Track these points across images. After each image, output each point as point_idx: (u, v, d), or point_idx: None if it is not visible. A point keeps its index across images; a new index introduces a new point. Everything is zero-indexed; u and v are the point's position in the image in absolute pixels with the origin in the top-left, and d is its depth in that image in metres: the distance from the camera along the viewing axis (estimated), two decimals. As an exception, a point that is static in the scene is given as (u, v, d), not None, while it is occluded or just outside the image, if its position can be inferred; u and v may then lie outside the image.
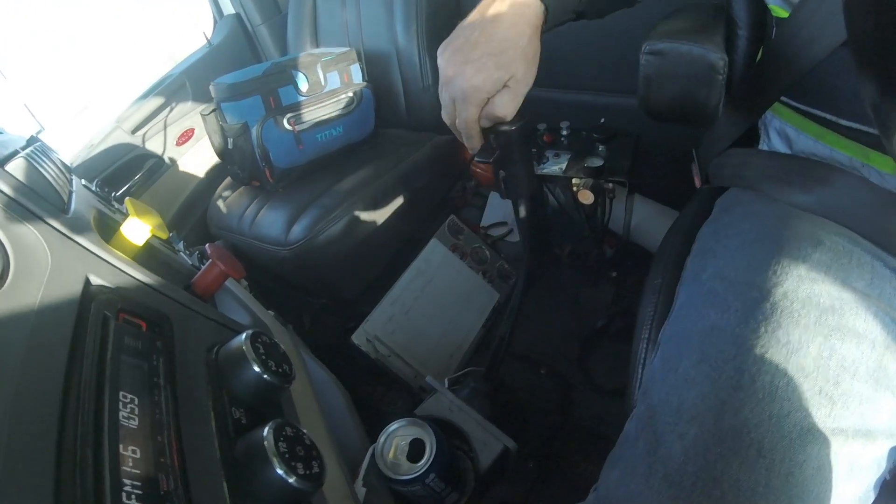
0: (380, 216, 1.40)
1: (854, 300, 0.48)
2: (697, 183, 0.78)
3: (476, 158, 0.67)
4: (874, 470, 0.46)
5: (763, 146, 0.68)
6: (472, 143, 0.63)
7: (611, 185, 1.25)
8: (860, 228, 0.53)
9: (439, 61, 0.60)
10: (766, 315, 0.48)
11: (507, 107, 0.59)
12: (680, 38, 0.56)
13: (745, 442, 0.43)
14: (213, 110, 1.45)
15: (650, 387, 0.53)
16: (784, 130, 0.63)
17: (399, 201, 1.44)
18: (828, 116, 0.55)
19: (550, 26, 0.60)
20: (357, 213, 1.35)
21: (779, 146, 0.64)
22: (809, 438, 0.43)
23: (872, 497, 0.47)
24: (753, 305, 0.49)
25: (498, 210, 1.70)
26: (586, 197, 1.26)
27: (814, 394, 0.45)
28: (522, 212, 0.78)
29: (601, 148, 1.26)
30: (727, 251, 0.57)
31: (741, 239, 0.57)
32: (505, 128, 0.64)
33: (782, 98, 0.60)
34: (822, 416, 0.44)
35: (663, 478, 0.45)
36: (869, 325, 0.47)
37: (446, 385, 1.14)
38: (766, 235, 0.55)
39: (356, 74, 1.55)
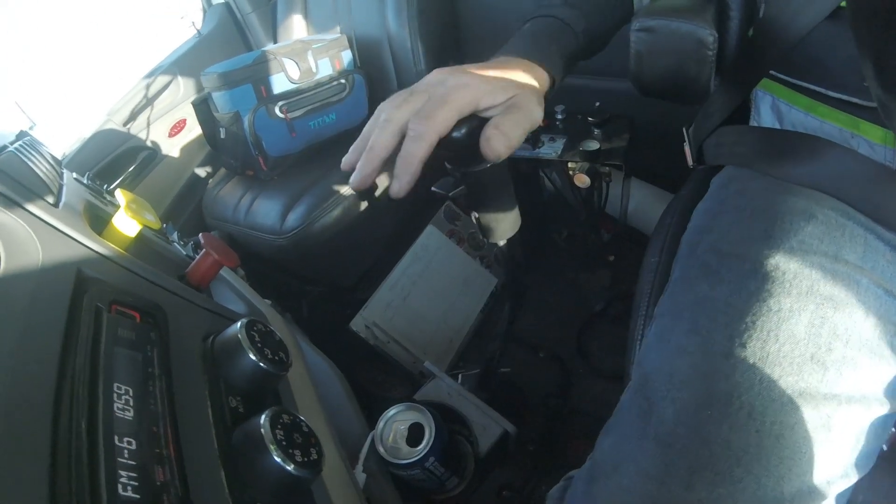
0: (375, 203, 1.40)
1: (846, 272, 0.49)
2: (690, 163, 0.78)
3: (433, 189, 0.58)
4: (871, 438, 0.47)
5: (753, 123, 0.68)
6: (403, 180, 0.44)
7: (607, 168, 1.25)
8: (853, 200, 0.53)
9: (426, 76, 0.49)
10: (757, 285, 0.49)
11: (511, 133, 0.44)
12: (670, 15, 0.56)
13: (735, 405, 0.44)
14: (204, 100, 1.44)
15: (644, 358, 0.54)
16: (776, 105, 0.63)
17: (394, 188, 1.43)
18: (817, 89, 0.56)
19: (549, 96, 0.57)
20: (352, 200, 1.35)
21: (769, 122, 0.65)
22: (801, 402, 0.44)
23: (870, 465, 0.48)
24: (745, 276, 0.50)
25: (494, 195, 1.69)
26: (582, 181, 1.25)
27: (805, 360, 0.45)
28: (507, 254, 0.70)
29: (597, 131, 1.25)
30: (721, 226, 0.57)
31: (735, 214, 0.57)
32: (476, 167, 0.48)
33: (773, 73, 0.60)
34: (815, 381, 0.45)
35: (655, 439, 0.46)
36: (861, 295, 0.48)
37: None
38: (759, 210, 0.55)
39: (348, 61, 1.54)
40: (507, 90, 0.46)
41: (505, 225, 0.56)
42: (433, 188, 0.55)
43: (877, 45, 0.40)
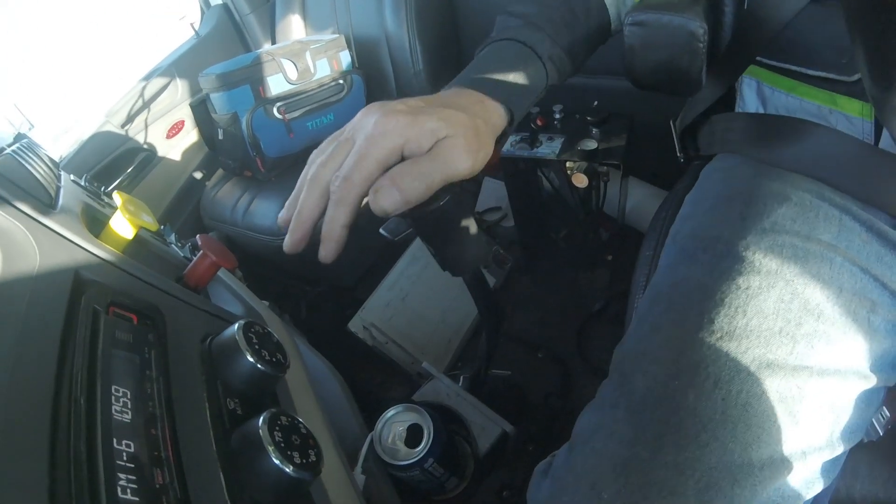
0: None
1: (819, 251, 0.50)
2: (679, 155, 0.79)
3: (381, 231, 0.54)
4: (854, 411, 0.48)
5: (739, 109, 0.69)
6: (328, 247, 0.44)
7: (605, 168, 1.25)
8: (831, 179, 0.54)
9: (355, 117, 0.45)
10: (728, 265, 0.50)
11: (407, 187, 0.40)
12: (661, 9, 0.57)
13: (701, 375, 0.46)
14: (202, 101, 1.44)
15: (625, 340, 0.56)
16: (761, 89, 0.64)
17: (393, 188, 1.43)
18: (797, 69, 0.57)
19: (510, 132, 0.54)
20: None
21: (754, 107, 0.66)
22: (768, 373, 0.45)
23: (856, 439, 0.49)
24: (718, 258, 0.52)
25: (492, 195, 1.70)
26: (580, 180, 1.25)
27: (773, 333, 0.46)
28: (472, 287, 0.65)
29: (595, 131, 1.25)
30: (700, 212, 0.59)
31: (714, 200, 0.59)
32: (425, 208, 0.43)
33: (758, 59, 0.61)
34: (783, 353, 0.46)
35: (626, 408, 0.48)
36: (835, 272, 0.49)
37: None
38: (736, 194, 0.57)
39: (346, 61, 1.54)
40: (437, 133, 0.42)
41: (465, 260, 0.52)
42: (381, 230, 0.52)
43: (871, 34, 0.41)
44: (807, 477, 0.46)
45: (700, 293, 0.50)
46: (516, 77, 0.54)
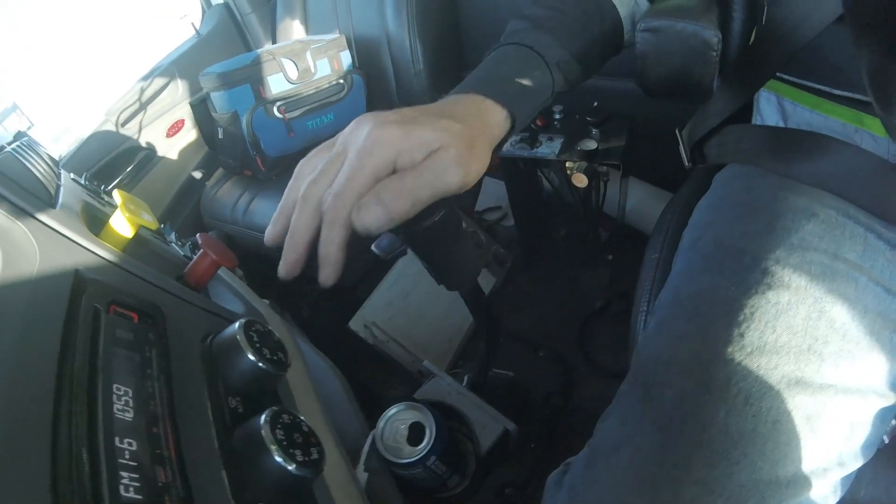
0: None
1: (845, 270, 0.50)
2: (686, 164, 0.79)
3: (372, 248, 0.53)
4: (871, 428, 0.48)
5: (756, 123, 0.68)
6: (326, 271, 0.42)
7: (605, 168, 1.25)
8: (855, 197, 0.54)
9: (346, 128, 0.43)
10: (757, 278, 0.50)
11: (392, 205, 0.38)
12: (675, 16, 0.56)
13: (732, 391, 0.45)
14: (202, 100, 1.44)
15: (643, 347, 0.55)
16: (781, 104, 0.63)
17: (393, 188, 1.43)
18: (821, 87, 0.56)
19: (507, 139, 0.52)
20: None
21: (773, 121, 0.65)
22: (797, 390, 0.45)
23: (871, 454, 0.49)
24: (745, 270, 0.51)
25: (492, 194, 1.70)
26: (580, 180, 1.25)
27: (802, 350, 0.46)
28: (468, 299, 0.64)
29: (595, 131, 1.25)
30: (723, 220, 0.58)
31: (738, 209, 0.58)
32: (418, 224, 0.41)
33: (777, 73, 0.60)
34: (811, 371, 0.46)
35: (653, 422, 0.47)
36: (860, 292, 0.49)
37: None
38: (761, 207, 0.56)
39: (346, 61, 1.54)
40: (430, 145, 0.40)
41: (461, 274, 0.51)
42: (372, 247, 0.51)
43: (873, 57, 0.41)
44: (825, 492, 0.46)
45: (727, 305, 0.50)
46: (520, 81, 0.53)
